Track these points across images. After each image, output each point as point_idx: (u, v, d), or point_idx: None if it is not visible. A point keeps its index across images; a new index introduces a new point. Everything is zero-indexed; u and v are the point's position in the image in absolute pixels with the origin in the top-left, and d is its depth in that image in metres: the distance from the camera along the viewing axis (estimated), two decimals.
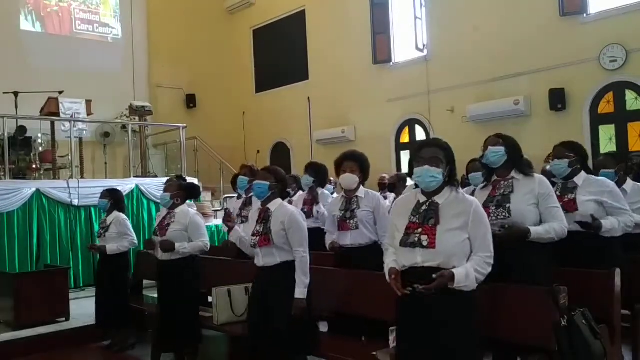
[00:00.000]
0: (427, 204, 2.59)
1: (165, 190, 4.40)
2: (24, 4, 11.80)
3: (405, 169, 11.28)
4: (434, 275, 2.43)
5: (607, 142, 8.61)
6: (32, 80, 10.20)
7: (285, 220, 3.33)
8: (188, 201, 4.60)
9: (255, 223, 3.45)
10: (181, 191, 4.40)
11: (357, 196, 3.90)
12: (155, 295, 5.85)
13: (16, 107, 8.86)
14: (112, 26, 13.02)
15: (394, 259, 2.68)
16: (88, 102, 9.11)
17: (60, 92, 8.97)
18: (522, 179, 3.08)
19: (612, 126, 8.61)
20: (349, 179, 3.89)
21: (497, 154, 3.12)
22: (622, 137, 8.47)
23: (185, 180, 5.50)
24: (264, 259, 3.41)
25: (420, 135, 11.15)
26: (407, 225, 2.58)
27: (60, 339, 5.54)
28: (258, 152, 14.19)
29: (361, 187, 3.95)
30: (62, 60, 11.62)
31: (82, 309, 6.49)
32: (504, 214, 3.01)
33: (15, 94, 8.85)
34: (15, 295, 5.70)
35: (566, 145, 3.61)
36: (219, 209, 9.67)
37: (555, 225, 3.00)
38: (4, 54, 10.97)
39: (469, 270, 2.46)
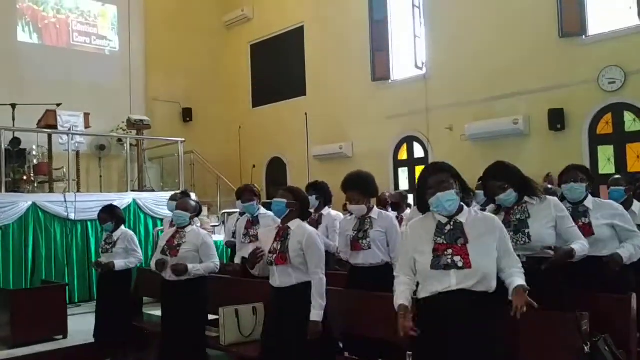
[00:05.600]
0: (451, 224, 2.57)
1: (182, 208, 4.29)
2: (21, 16, 11.73)
3: (402, 185, 11.27)
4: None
5: (606, 162, 8.66)
6: (29, 92, 10.13)
7: (303, 240, 3.32)
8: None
9: (273, 240, 3.42)
10: (195, 212, 4.35)
11: (370, 217, 3.89)
12: (155, 313, 5.82)
13: (13, 119, 8.77)
14: (109, 39, 12.95)
15: (405, 291, 2.63)
16: (86, 115, 9.04)
17: (58, 105, 8.90)
18: (537, 203, 3.09)
19: (611, 147, 8.66)
20: (358, 210, 3.92)
21: (509, 198, 3.10)
22: (620, 158, 8.52)
23: (189, 195, 5.46)
24: (279, 278, 3.37)
25: (418, 152, 11.16)
26: (433, 247, 2.54)
27: (58, 358, 5.44)
28: (254, 166, 14.12)
29: (374, 207, 3.95)
30: (58, 72, 11.54)
31: (80, 325, 6.37)
32: (523, 239, 3.01)
33: (13, 106, 8.77)
34: (11, 312, 5.60)
35: (579, 168, 3.61)
36: (217, 224, 9.59)
37: (585, 242, 3.08)
38: (0, 66, 10.86)
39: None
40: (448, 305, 2.48)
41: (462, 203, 2.61)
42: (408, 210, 6.44)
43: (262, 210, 5.08)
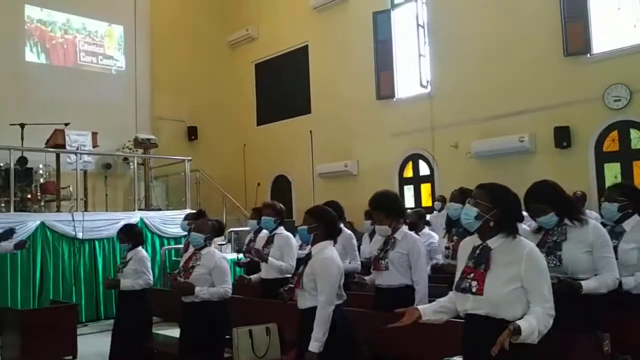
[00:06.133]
0: (480, 248, 2.55)
1: (197, 230, 4.28)
2: (29, 36, 11.83)
3: (408, 203, 11.22)
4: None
5: (613, 180, 8.64)
6: (36, 111, 10.17)
7: (316, 264, 3.27)
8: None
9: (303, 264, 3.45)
10: (213, 232, 4.31)
11: (394, 237, 3.83)
12: (163, 332, 5.81)
13: (22, 138, 8.81)
14: (115, 58, 13.05)
15: (440, 301, 2.70)
16: (94, 135, 9.11)
17: (66, 124, 8.95)
18: (577, 227, 3.02)
19: (618, 164, 8.68)
20: (381, 230, 3.88)
21: (550, 221, 3.06)
22: (627, 175, 8.52)
23: (205, 215, 5.45)
24: (298, 300, 3.37)
25: (423, 170, 11.17)
26: (462, 269, 2.57)
27: None
28: (258, 184, 14.16)
29: (402, 227, 3.86)
30: (65, 91, 11.59)
31: (88, 346, 6.36)
32: (554, 261, 2.96)
33: (22, 125, 8.81)
34: (21, 332, 5.58)
35: (619, 187, 3.54)
36: (223, 242, 9.57)
37: (607, 278, 2.96)
38: (9, 85, 10.93)
39: (534, 325, 2.30)
40: (468, 327, 2.52)
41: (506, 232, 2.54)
42: (426, 230, 6.36)
43: (279, 229, 5.06)
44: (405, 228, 3.93)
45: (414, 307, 2.65)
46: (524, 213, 2.76)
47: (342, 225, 5.11)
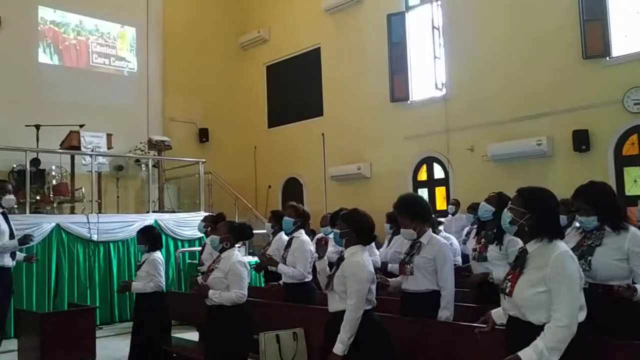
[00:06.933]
0: (520, 251, 2.59)
1: (215, 232, 4.26)
2: (42, 37, 11.82)
3: None
4: None
5: (632, 184, 8.57)
6: (49, 113, 10.18)
7: (347, 268, 3.27)
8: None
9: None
10: (230, 234, 4.24)
11: (420, 241, 3.74)
12: (181, 336, 5.76)
13: (37, 140, 8.79)
14: (128, 60, 13.04)
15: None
16: (109, 136, 9.08)
17: (81, 126, 8.93)
18: (615, 234, 3.00)
19: (638, 168, 8.57)
20: (406, 234, 3.80)
21: (589, 223, 3.06)
22: None
23: (224, 217, 5.41)
24: (329, 303, 3.37)
25: (438, 173, 11.08)
26: (508, 270, 2.62)
27: None
28: (269, 187, 14.11)
29: (428, 231, 3.77)
30: (78, 93, 11.57)
31: (105, 349, 6.33)
32: (583, 265, 2.93)
33: (37, 127, 8.79)
34: (40, 336, 5.51)
35: None
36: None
37: None
38: (23, 86, 10.92)
39: (539, 348, 2.28)
40: (506, 327, 2.60)
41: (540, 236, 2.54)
42: (443, 232, 6.19)
43: (298, 233, 5.00)
44: (431, 232, 3.85)
45: (489, 313, 2.76)
46: None
47: None
